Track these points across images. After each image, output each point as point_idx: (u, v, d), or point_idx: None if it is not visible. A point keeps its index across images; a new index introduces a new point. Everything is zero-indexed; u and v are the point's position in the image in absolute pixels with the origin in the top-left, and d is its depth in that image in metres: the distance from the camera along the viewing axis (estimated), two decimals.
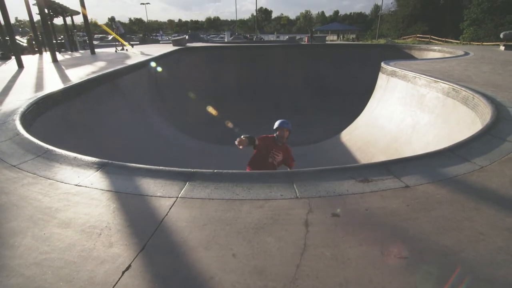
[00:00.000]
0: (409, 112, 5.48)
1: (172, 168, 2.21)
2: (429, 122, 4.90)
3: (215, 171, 2.14)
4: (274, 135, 3.45)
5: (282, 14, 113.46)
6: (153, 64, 9.09)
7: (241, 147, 3.24)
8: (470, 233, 1.56)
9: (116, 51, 13.27)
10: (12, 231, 1.57)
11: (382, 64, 7.31)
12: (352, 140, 6.57)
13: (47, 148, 2.59)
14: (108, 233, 1.55)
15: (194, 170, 2.16)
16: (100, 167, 2.26)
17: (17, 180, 2.10)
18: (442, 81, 4.97)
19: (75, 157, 2.41)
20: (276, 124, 3.44)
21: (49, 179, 2.11)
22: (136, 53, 11.65)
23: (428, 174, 2.15)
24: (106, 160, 2.33)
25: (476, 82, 5.15)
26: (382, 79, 7.16)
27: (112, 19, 13.40)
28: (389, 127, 5.76)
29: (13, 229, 1.59)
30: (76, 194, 1.92)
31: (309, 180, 2.08)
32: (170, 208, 1.77)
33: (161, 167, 2.21)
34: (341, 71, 13.69)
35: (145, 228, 1.60)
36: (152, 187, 1.99)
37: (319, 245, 1.46)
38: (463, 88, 4.45)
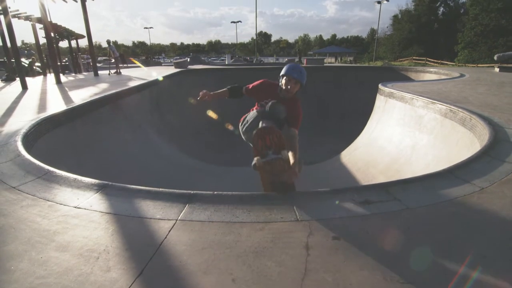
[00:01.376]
0: (408, 133, 5.53)
1: (172, 190, 2.20)
2: (428, 143, 4.92)
3: (215, 193, 2.14)
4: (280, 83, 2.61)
5: (281, 37, 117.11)
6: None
7: (207, 98, 2.70)
8: (474, 257, 1.53)
9: (109, 73, 13.42)
10: (9, 255, 1.55)
11: (380, 86, 7.45)
12: (352, 160, 6.57)
13: (48, 170, 2.59)
14: (106, 257, 1.53)
15: (194, 192, 2.16)
16: (100, 188, 2.26)
17: (16, 202, 2.10)
18: (439, 103, 5.05)
19: (75, 179, 2.41)
20: (283, 69, 2.55)
21: (48, 201, 2.10)
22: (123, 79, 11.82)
23: (428, 196, 2.14)
24: (106, 182, 2.33)
25: (472, 103, 5.23)
26: (380, 100, 7.27)
27: (108, 42, 13.71)
28: (389, 148, 5.78)
29: (10, 252, 1.57)
30: (75, 217, 1.91)
31: (310, 202, 2.07)
32: (169, 231, 1.75)
33: (161, 189, 2.21)
34: (340, 92, 13.92)
35: (143, 251, 1.58)
36: (151, 209, 1.98)
37: (320, 270, 1.44)
38: (460, 109, 4.51)
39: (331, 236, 1.70)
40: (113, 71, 13.85)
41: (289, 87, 2.51)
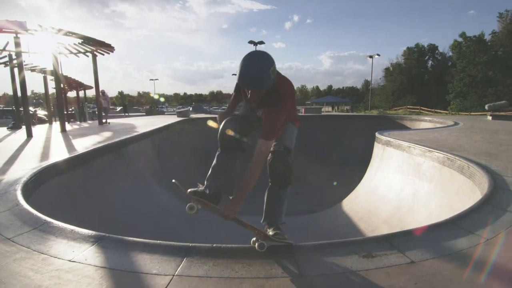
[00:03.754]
0: (408, 180, 5.52)
1: (169, 243, 2.15)
2: (428, 191, 4.90)
3: (214, 245, 2.09)
4: None
5: None
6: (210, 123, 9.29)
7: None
8: None
9: (105, 122, 13.52)
10: None
11: (377, 134, 7.63)
12: (354, 209, 6.46)
13: (45, 220, 2.55)
14: None
15: (192, 244, 2.10)
16: (96, 241, 2.21)
17: (10, 254, 2.04)
18: (436, 151, 5.13)
19: (71, 230, 2.37)
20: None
21: (42, 253, 2.04)
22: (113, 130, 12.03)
23: (432, 248, 2.09)
24: (103, 234, 2.29)
25: (469, 151, 5.31)
26: (378, 148, 7.39)
27: (102, 92, 14.15)
28: (390, 196, 5.73)
29: None
30: (69, 271, 1.84)
31: (311, 255, 2.01)
32: None
33: (158, 241, 2.16)
34: (338, 140, 14.18)
35: None
36: (148, 263, 1.91)
37: None
38: (457, 157, 4.57)
39: None
40: (103, 120, 13.88)
41: (248, 97, 2.00)
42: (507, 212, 2.67)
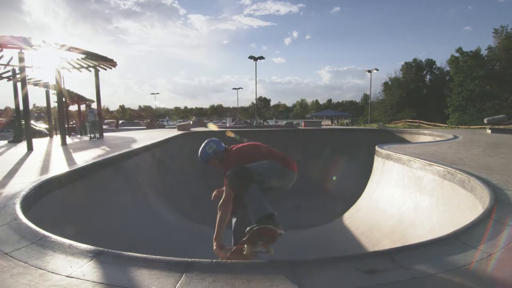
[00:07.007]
0: (409, 194, 5.49)
1: (168, 258, 2.12)
2: (430, 205, 4.87)
3: (214, 260, 2.06)
4: None
5: (279, 102, 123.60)
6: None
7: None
8: None
9: (90, 139, 12.91)
10: None
11: (377, 148, 7.64)
12: (355, 223, 6.40)
13: (43, 235, 2.53)
14: None
15: (192, 260, 2.08)
16: (95, 256, 2.18)
17: (7, 269, 2.01)
18: (437, 164, 5.13)
19: (70, 245, 2.34)
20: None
21: (40, 269, 2.02)
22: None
23: (435, 264, 2.06)
24: (101, 249, 2.26)
25: (469, 164, 5.31)
26: (378, 162, 7.39)
27: (88, 105, 13.92)
28: (391, 210, 5.68)
29: None
30: (66, 287, 1.81)
31: (313, 271, 1.98)
32: None
33: (157, 257, 2.13)
34: (338, 153, 14.18)
35: None
36: (146, 279, 1.88)
37: None
38: (458, 171, 4.56)
39: None
40: (92, 135, 13.06)
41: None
42: (509, 227, 2.65)
